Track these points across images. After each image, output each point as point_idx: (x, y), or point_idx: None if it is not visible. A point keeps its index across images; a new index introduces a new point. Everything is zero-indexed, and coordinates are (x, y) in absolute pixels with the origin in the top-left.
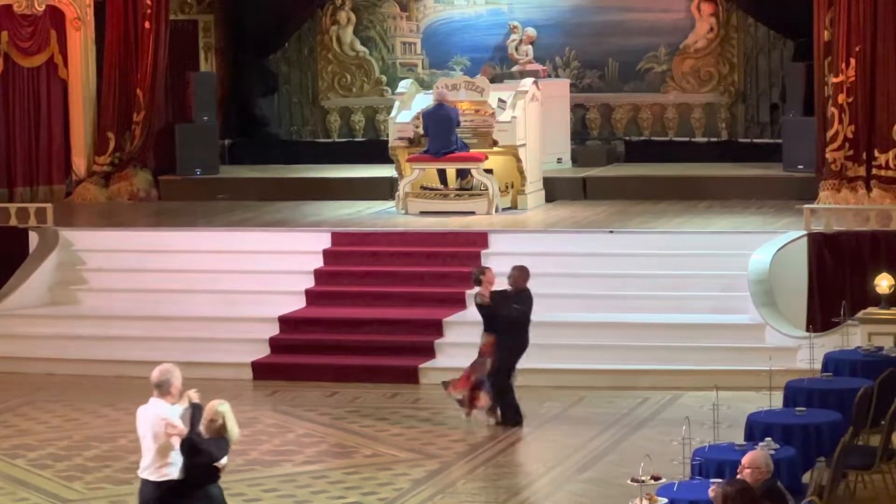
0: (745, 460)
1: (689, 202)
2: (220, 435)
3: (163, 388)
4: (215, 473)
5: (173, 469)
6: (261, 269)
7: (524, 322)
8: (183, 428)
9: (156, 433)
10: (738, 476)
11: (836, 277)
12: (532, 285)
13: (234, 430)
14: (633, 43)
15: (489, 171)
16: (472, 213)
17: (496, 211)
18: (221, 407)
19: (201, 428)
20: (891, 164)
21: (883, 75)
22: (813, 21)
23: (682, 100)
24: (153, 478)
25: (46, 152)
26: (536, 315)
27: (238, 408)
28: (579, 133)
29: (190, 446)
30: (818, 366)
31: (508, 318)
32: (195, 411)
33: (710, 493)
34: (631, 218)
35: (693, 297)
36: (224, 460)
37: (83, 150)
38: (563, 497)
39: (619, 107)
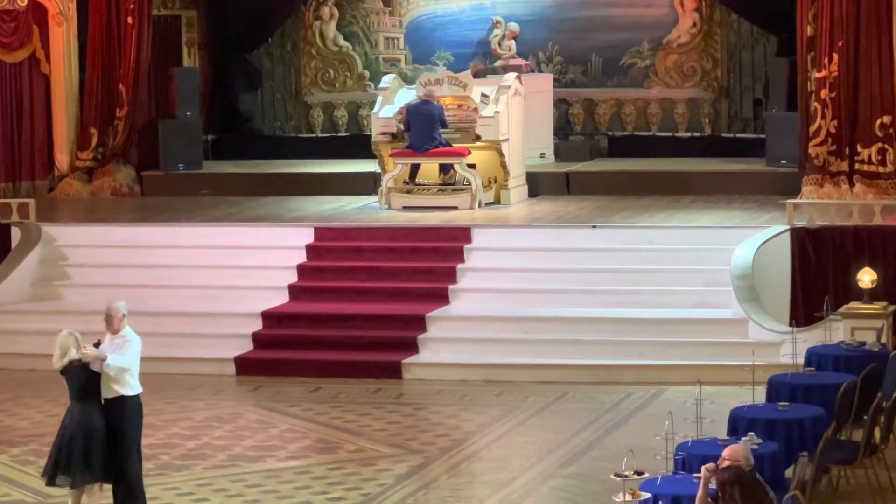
0: (725, 453)
1: (673, 197)
2: None
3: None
4: None
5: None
6: (244, 264)
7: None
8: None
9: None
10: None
11: (818, 272)
12: (515, 280)
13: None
14: (617, 38)
15: (472, 167)
16: (455, 208)
17: (479, 206)
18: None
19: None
20: (873, 160)
21: (866, 70)
22: (796, 16)
23: (665, 95)
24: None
25: (29, 148)
26: (519, 310)
27: (221, 403)
28: (562, 128)
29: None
30: (801, 361)
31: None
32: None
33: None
34: (614, 213)
35: (676, 293)
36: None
37: (66, 145)
38: (546, 492)
39: (603, 102)
